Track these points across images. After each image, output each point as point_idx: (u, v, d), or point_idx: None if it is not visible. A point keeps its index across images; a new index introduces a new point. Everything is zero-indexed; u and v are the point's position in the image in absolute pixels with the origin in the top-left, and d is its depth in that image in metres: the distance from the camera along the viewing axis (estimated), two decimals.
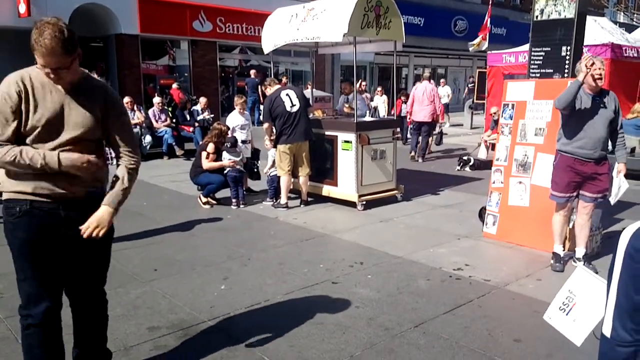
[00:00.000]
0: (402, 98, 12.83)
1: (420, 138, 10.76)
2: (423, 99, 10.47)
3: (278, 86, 6.87)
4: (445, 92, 14.72)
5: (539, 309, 3.80)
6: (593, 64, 4.12)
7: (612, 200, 4.61)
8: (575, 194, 4.51)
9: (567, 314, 1.71)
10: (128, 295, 4.01)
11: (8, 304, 3.75)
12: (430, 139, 11.30)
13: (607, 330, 1.43)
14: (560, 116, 4.45)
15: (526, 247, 5.13)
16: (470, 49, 13.99)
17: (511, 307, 3.88)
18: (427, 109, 10.41)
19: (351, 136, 6.62)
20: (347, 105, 8.28)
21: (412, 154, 10.95)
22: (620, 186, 4.53)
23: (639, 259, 1.39)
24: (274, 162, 6.96)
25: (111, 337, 3.36)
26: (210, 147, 6.88)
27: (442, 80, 15.99)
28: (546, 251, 4.84)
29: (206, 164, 6.86)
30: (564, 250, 4.73)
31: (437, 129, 12.32)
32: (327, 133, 6.95)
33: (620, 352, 1.42)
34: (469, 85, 19.04)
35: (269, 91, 6.82)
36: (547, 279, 4.40)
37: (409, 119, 11.15)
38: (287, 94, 6.60)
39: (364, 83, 13.88)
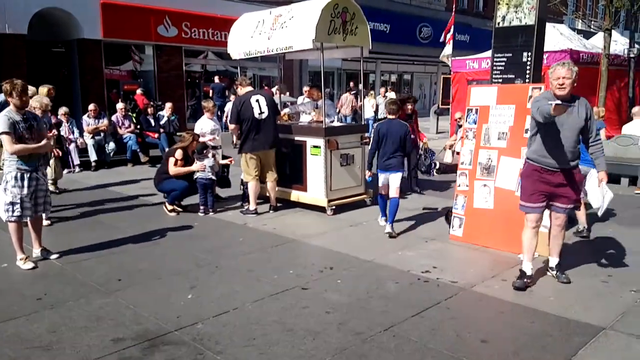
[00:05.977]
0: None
1: None
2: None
3: (250, 88, 6.80)
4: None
5: (504, 310, 3.89)
6: (554, 71, 4.01)
7: (600, 211, 4.54)
8: (544, 204, 4.26)
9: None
10: (90, 306, 3.89)
11: None
12: None
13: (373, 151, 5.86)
14: (531, 123, 4.27)
15: (491, 248, 5.22)
16: (443, 58, 14.31)
17: (478, 308, 3.93)
18: None
19: (320, 141, 6.63)
20: (316, 111, 8.27)
21: None
22: (604, 196, 4.41)
23: (379, 135, 5.67)
24: None
25: (73, 349, 3.26)
26: (179, 154, 6.73)
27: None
28: (511, 252, 4.94)
29: (173, 169, 6.72)
30: (532, 268, 4.36)
31: None
32: (296, 138, 6.93)
33: (371, 154, 5.82)
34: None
35: (241, 91, 6.73)
36: (512, 279, 4.48)
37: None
38: (257, 100, 6.53)
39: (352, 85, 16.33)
